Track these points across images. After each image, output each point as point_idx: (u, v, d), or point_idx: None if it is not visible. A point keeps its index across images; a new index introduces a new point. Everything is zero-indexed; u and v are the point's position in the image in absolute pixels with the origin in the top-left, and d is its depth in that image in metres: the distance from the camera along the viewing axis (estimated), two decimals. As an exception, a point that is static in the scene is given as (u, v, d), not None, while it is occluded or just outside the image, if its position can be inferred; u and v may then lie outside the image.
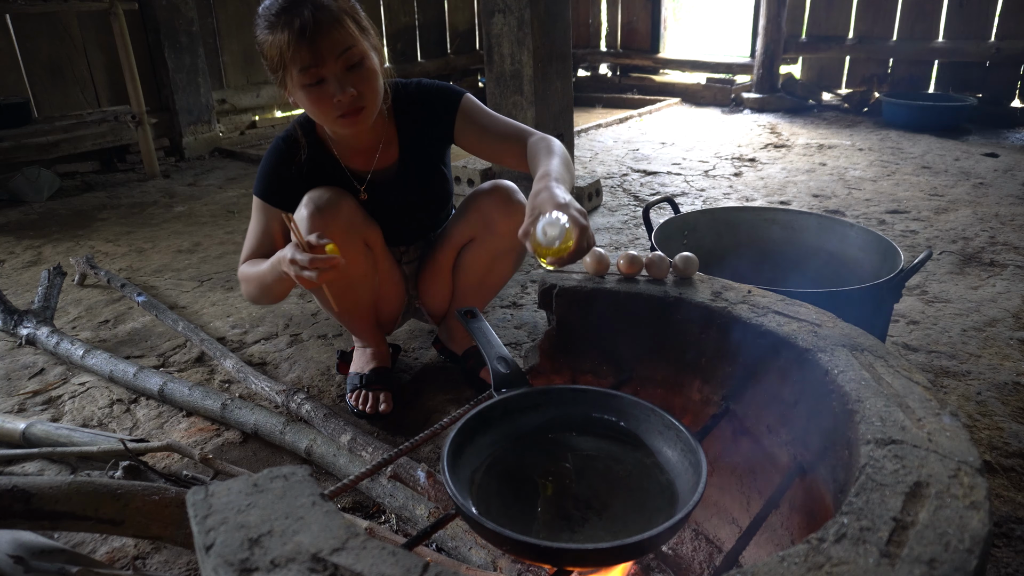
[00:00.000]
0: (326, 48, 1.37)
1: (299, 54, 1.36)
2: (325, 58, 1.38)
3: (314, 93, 1.41)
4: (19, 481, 1.13)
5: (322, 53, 1.37)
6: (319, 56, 1.37)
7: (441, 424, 1.12)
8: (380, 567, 0.63)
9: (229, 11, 5.11)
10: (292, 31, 1.35)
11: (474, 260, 1.76)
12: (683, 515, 0.83)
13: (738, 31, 8.47)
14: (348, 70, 1.41)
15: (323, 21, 1.36)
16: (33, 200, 3.85)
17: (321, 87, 1.41)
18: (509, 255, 1.77)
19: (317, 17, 1.35)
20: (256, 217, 1.65)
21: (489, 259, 1.75)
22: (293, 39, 1.35)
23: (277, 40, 1.37)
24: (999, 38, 5.01)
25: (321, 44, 1.36)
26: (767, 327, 1.08)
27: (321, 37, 1.36)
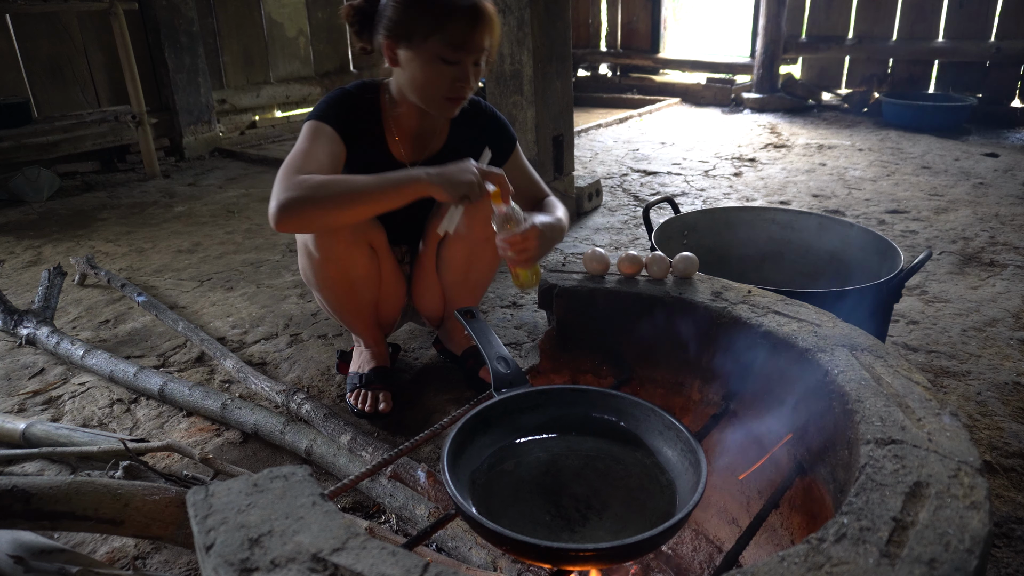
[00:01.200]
0: (482, 42, 1.48)
1: (462, 34, 1.44)
2: (475, 50, 1.48)
3: (440, 67, 1.47)
4: (19, 481, 1.13)
5: (477, 45, 1.47)
6: (473, 46, 1.46)
7: (441, 424, 1.12)
8: (380, 567, 0.63)
9: (229, 11, 5.11)
10: (467, 13, 1.43)
11: (452, 256, 1.75)
12: (683, 515, 0.83)
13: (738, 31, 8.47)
14: (475, 64, 1.51)
15: (489, 17, 1.47)
16: (33, 200, 3.85)
17: (452, 67, 1.47)
18: (484, 246, 1.71)
19: (487, 12, 1.46)
20: (315, 137, 1.53)
21: (466, 253, 1.73)
22: (466, 20, 1.43)
23: (444, 8, 1.42)
24: (999, 38, 5.01)
25: (481, 37, 1.47)
26: (767, 327, 1.08)
27: (485, 31, 1.47)
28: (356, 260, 1.65)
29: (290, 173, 1.43)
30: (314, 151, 1.50)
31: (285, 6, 5.44)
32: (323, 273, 1.66)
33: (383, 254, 1.72)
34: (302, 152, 1.49)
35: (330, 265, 1.63)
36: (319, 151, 1.50)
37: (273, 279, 2.69)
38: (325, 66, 5.83)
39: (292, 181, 1.40)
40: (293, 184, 1.39)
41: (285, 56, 5.53)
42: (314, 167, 1.46)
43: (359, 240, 1.62)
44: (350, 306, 1.75)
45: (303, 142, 1.52)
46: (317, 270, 1.65)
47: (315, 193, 1.38)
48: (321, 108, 1.57)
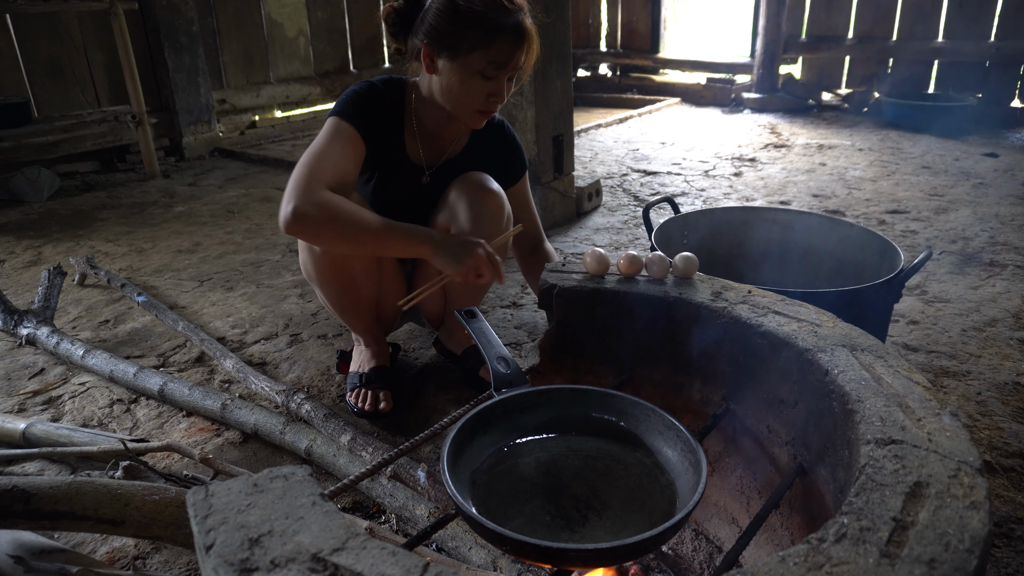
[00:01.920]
0: (520, 60, 1.51)
1: (504, 51, 1.46)
2: (512, 68, 1.50)
3: (479, 82, 1.49)
4: (19, 481, 1.13)
5: (515, 62, 1.50)
6: (512, 63, 1.49)
7: (441, 424, 1.12)
8: (380, 567, 0.63)
9: (229, 11, 5.11)
10: (513, 33, 1.46)
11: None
12: (683, 515, 0.83)
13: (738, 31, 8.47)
14: (509, 80, 1.54)
15: (531, 38, 1.50)
16: (33, 200, 3.85)
17: (489, 82, 1.50)
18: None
19: (530, 33, 1.49)
20: (337, 138, 1.52)
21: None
22: (512, 39, 1.46)
23: (492, 26, 1.44)
24: (999, 38, 5.01)
25: (520, 56, 1.50)
26: (767, 327, 1.08)
27: (524, 50, 1.50)
28: (357, 259, 1.65)
29: (309, 176, 1.44)
30: (333, 153, 1.50)
31: (285, 6, 5.45)
32: (324, 270, 1.66)
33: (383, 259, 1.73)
34: (321, 153, 1.49)
35: (331, 262, 1.63)
36: (338, 153, 1.51)
37: (273, 279, 2.69)
38: (325, 66, 5.83)
39: (312, 193, 1.42)
40: (314, 198, 1.41)
41: (285, 56, 5.53)
42: (332, 170, 1.48)
43: None
44: (350, 303, 1.75)
45: (324, 141, 1.52)
46: (318, 266, 1.66)
47: (330, 218, 1.42)
48: (345, 104, 1.57)
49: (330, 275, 1.68)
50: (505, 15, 1.46)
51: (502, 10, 1.46)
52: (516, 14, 1.47)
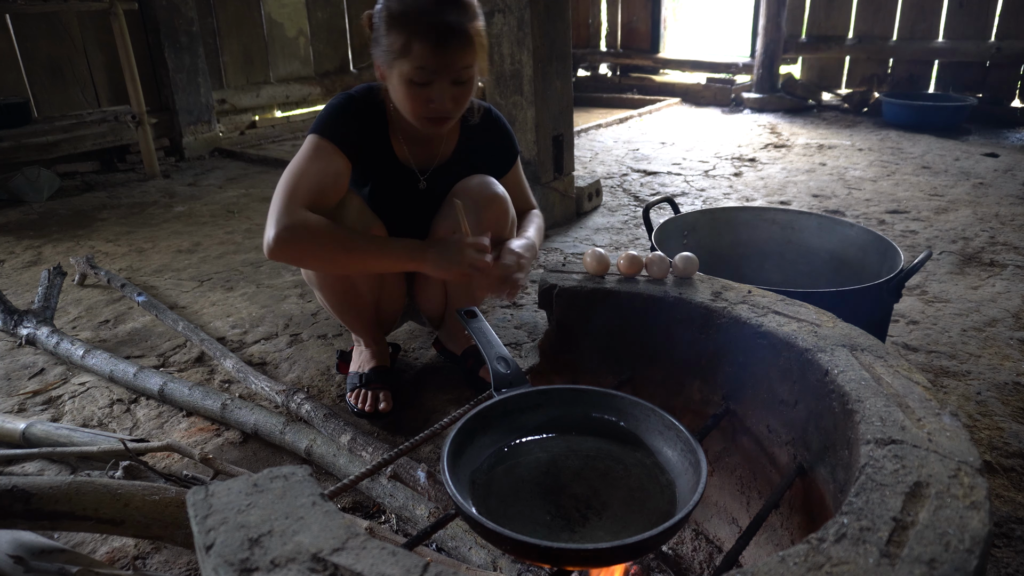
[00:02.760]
0: (452, 62, 1.41)
1: (425, 56, 1.38)
2: (445, 71, 1.41)
3: (414, 89, 1.43)
4: (19, 481, 1.13)
5: (447, 65, 1.41)
6: (443, 66, 1.41)
7: (441, 424, 1.12)
8: (380, 567, 0.63)
9: (229, 11, 5.11)
10: (431, 34, 1.37)
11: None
12: (683, 515, 0.83)
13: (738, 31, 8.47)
14: (455, 84, 1.44)
15: (463, 36, 1.40)
16: (33, 200, 3.85)
17: (424, 88, 1.43)
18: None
19: (459, 31, 1.39)
20: (316, 156, 1.50)
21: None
22: (428, 42, 1.37)
23: (410, 30, 1.38)
24: (999, 38, 5.01)
25: (448, 58, 1.40)
26: (767, 327, 1.08)
27: (452, 52, 1.39)
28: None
29: (288, 199, 1.44)
30: (312, 171, 1.49)
31: (285, 6, 5.44)
32: (324, 274, 1.66)
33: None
34: (300, 172, 1.48)
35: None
36: (318, 171, 1.49)
37: (273, 279, 2.69)
38: (325, 66, 5.83)
39: (293, 216, 1.42)
40: (294, 222, 1.41)
41: (285, 56, 5.53)
42: (312, 190, 1.47)
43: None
44: (351, 306, 1.75)
45: (302, 160, 1.50)
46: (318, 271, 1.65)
47: (314, 239, 1.43)
48: (323, 121, 1.55)
49: (330, 279, 1.68)
50: (427, 17, 1.38)
51: (424, 13, 1.39)
52: (440, 15, 1.38)
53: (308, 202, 1.45)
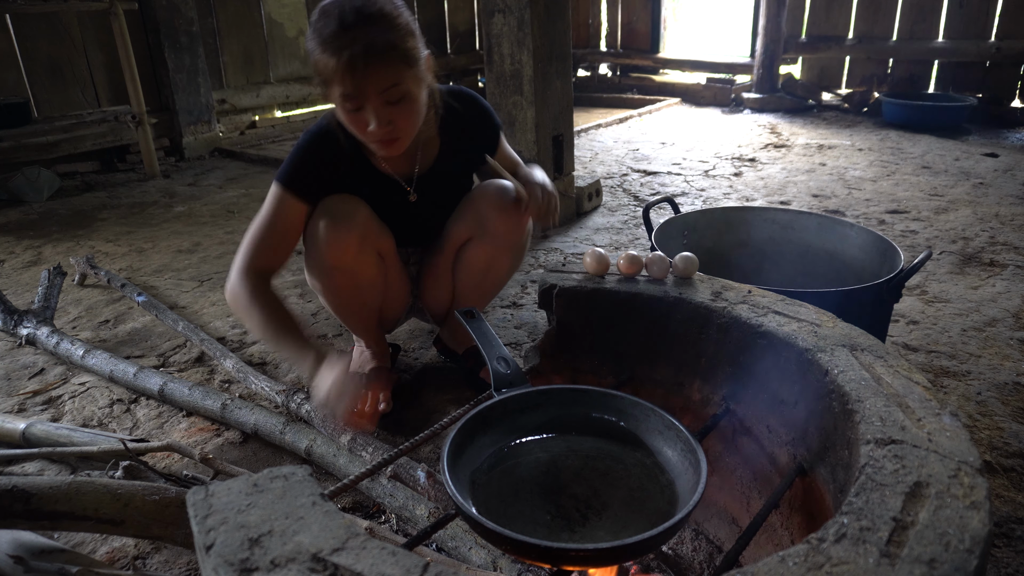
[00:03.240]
0: (369, 84, 1.35)
1: (343, 83, 1.35)
2: (367, 93, 1.36)
3: (352, 116, 1.41)
4: (19, 481, 1.13)
5: (365, 88, 1.36)
6: (361, 90, 1.36)
7: (441, 424, 1.12)
8: (380, 567, 0.63)
9: (229, 11, 5.11)
10: (340, 60, 1.32)
11: (472, 259, 1.76)
12: (683, 515, 0.83)
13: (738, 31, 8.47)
14: (388, 104, 1.39)
15: (372, 56, 1.33)
16: (33, 200, 3.85)
17: (360, 113, 1.40)
18: (507, 253, 1.77)
19: (367, 51, 1.32)
20: (274, 207, 1.54)
21: (487, 258, 1.75)
22: (339, 67, 1.33)
23: (325, 60, 1.35)
24: (999, 38, 5.01)
25: (365, 79, 1.34)
26: (767, 327, 1.08)
27: (366, 73, 1.34)
28: (365, 268, 1.65)
29: (243, 259, 1.53)
30: (268, 226, 1.54)
31: (285, 6, 5.44)
32: (331, 280, 1.66)
33: (390, 261, 1.72)
34: (259, 227, 1.54)
35: (338, 273, 1.63)
36: (273, 225, 1.54)
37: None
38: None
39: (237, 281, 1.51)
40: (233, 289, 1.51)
41: (285, 56, 5.53)
42: (269, 245, 1.54)
43: (368, 248, 1.63)
44: (355, 310, 1.76)
45: (266, 213, 1.55)
46: (325, 276, 1.65)
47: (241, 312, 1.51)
48: (285, 168, 1.55)
49: (337, 286, 1.67)
50: (327, 46, 1.33)
51: (324, 43, 1.34)
52: (336, 39, 1.33)
53: (263, 258, 1.54)
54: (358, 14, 1.33)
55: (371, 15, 1.34)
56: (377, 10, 1.35)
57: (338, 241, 1.56)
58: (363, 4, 1.34)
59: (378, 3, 1.36)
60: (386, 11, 1.36)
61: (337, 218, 1.56)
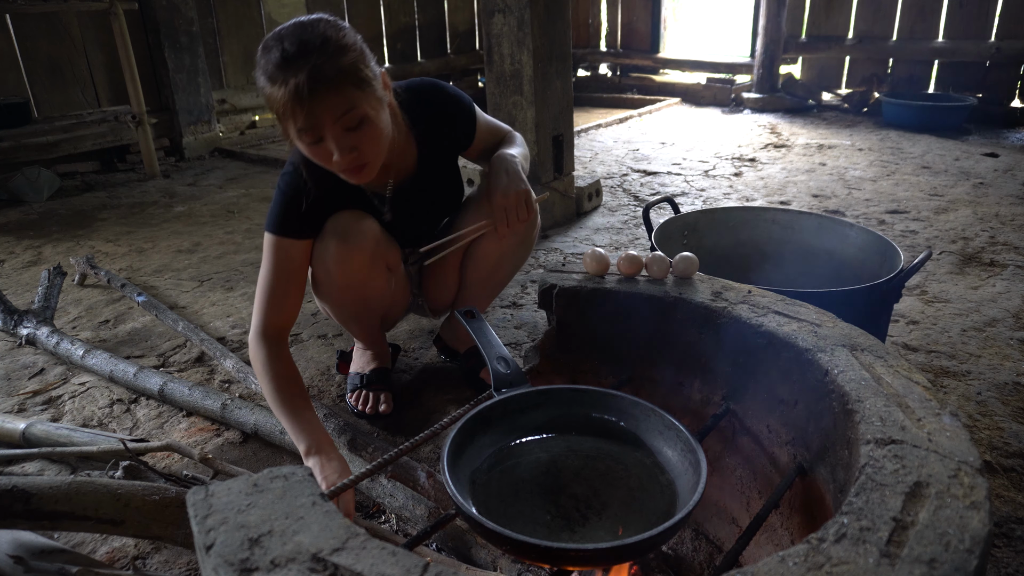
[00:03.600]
0: (323, 112, 1.29)
1: (295, 116, 1.29)
2: (323, 122, 1.30)
3: (313, 149, 1.36)
4: (19, 481, 1.13)
5: (319, 117, 1.29)
6: (315, 120, 1.30)
7: (441, 424, 1.12)
8: (380, 567, 0.63)
9: (229, 11, 5.11)
10: (287, 91, 1.26)
11: (485, 254, 1.76)
12: (683, 515, 0.83)
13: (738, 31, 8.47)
14: (348, 130, 1.33)
15: (320, 84, 1.26)
16: (33, 200, 3.85)
17: (321, 145, 1.34)
18: (518, 251, 1.78)
19: (314, 79, 1.25)
20: (274, 256, 1.50)
21: (498, 255, 1.76)
22: (288, 100, 1.27)
23: (274, 94, 1.29)
24: (999, 38, 5.01)
25: (317, 108, 1.28)
26: (767, 327, 1.08)
27: (317, 102, 1.27)
28: (374, 283, 1.66)
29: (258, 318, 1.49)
30: (274, 273, 1.50)
31: (285, 6, 5.44)
32: (340, 295, 1.66)
33: (396, 271, 1.73)
34: (271, 277, 1.50)
35: (348, 289, 1.64)
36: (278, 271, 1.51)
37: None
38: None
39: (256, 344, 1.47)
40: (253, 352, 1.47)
41: (285, 56, 5.53)
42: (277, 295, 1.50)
43: (378, 264, 1.63)
44: (360, 320, 1.77)
45: (269, 264, 1.51)
46: (334, 292, 1.65)
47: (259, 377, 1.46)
48: (274, 220, 1.51)
49: (345, 300, 1.68)
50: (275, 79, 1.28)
51: (271, 77, 1.28)
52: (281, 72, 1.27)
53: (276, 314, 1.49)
54: (300, 44, 1.26)
55: (312, 43, 1.27)
56: (319, 36, 1.28)
57: (349, 261, 1.56)
58: (303, 33, 1.28)
59: (319, 28, 1.30)
60: (329, 35, 1.29)
61: (347, 238, 1.54)
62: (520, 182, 1.60)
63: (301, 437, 1.34)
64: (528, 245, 1.80)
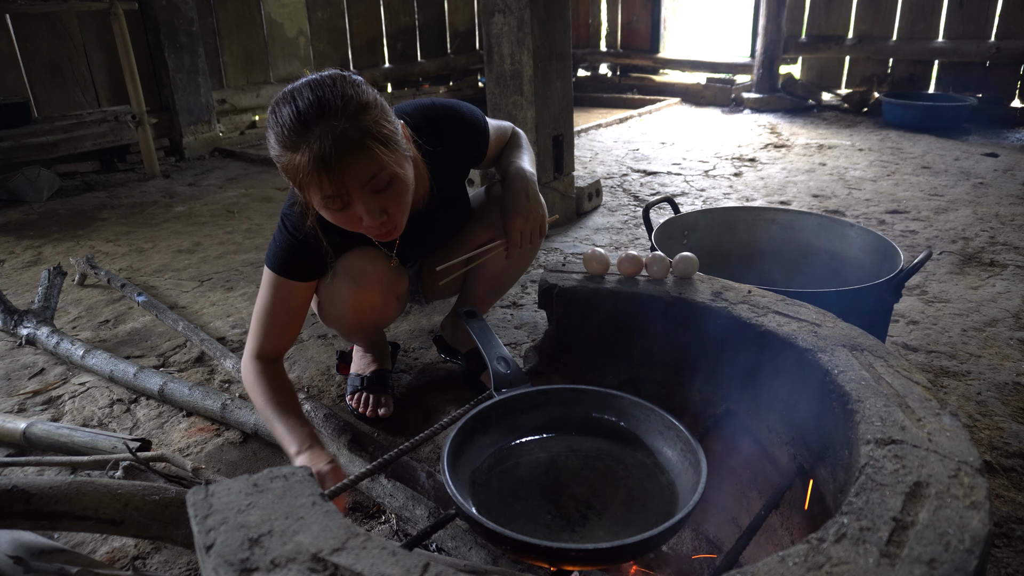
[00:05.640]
0: (350, 178, 1.20)
1: (320, 184, 1.19)
2: (350, 188, 1.21)
3: (339, 215, 1.27)
4: (19, 481, 1.13)
5: (346, 184, 1.20)
6: (343, 187, 1.21)
7: (441, 424, 1.12)
8: (380, 567, 0.63)
9: (229, 11, 5.11)
10: (311, 158, 1.16)
11: (490, 264, 1.73)
12: (683, 515, 0.83)
13: (738, 31, 8.47)
14: (376, 192, 1.24)
15: (345, 149, 1.16)
16: (33, 200, 3.85)
17: (349, 211, 1.25)
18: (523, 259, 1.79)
19: (339, 145, 1.16)
20: (275, 294, 1.46)
21: (504, 264, 1.76)
22: (312, 168, 1.16)
23: (293, 162, 1.19)
24: (999, 38, 5.01)
25: (345, 175, 1.19)
26: (767, 327, 1.08)
27: (344, 168, 1.18)
28: (385, 315, 1.67)
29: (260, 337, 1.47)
30: (272, 306, 1.47)
31: (285, 6, 5.44)
32: (348, 328, 1.67)
33: (404, 297, 1.73)
34: (269, 310, 1.47)
35: (358, 324, 1.65)
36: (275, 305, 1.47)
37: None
38: (325, 66, 5.80)
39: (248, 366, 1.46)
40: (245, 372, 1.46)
41: (285, 56, 5.53)
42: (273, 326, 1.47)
43: (389, 299, 1.62)
44: (365, 339, 1.79)
45: (269, 297, 1.47)
46: (342, 325, 1.66)
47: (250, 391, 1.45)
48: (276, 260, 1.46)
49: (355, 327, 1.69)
50: (293, 146, 1.18)
51: (287, 143, 1.19)
52: (300, 138, 1.17)
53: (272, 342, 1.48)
54: (319, 105, 1.17)
55: (332, 103, 1.17)
56: (339, 96, 1.18)
57: (360, 302, 1.56)
58: (322, 92, 1.18)
59: (338, 87, 1.20)
60: (349, 95, 1.19)
61: (358, 281, 1.52)
62: (539, 207, 1.60)
63: (292, 438, 1.32)
64: (533, 252, 1.80)
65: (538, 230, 1.62)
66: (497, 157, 1.73)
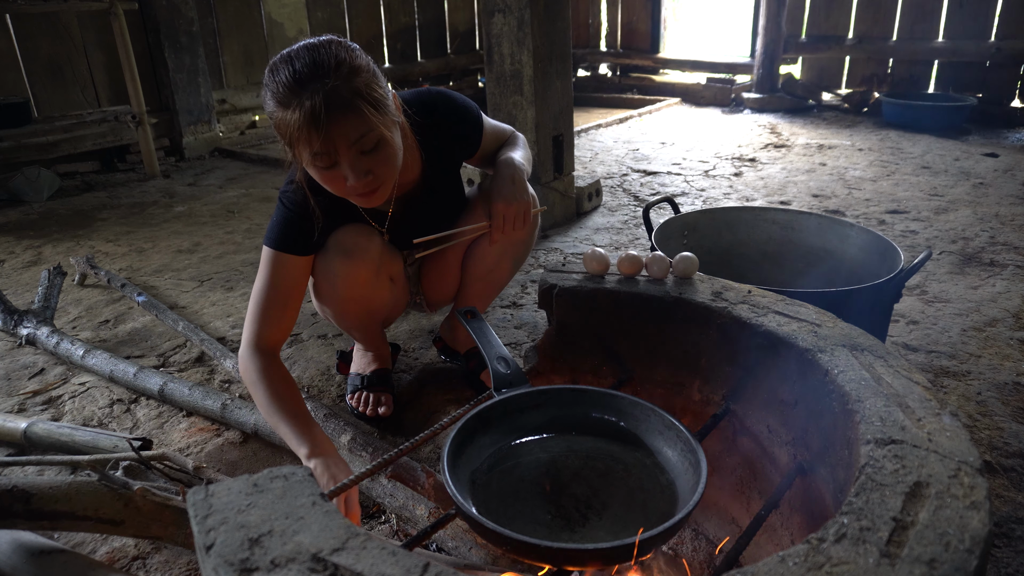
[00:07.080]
0: (339, 136, 1.25)
1: (310, 140, 1.24)
2: (338, 146, 1.27)
3: (326, 174, 1.32)
4: (19, 481, 1.13)
5: (335, 141, 1.26)
6: (331, 144, 1.26)
7: (441, 424, 1.12)
8: (380, 567, 0.63)
9: (229, 11, 5.11)
10: (302, 114, 1.22)
11: (483, 256, 1.76)
12: (683, 515, 0.83)
13: (738, 31, 8.47)
14: (363, 153, 1.30)
15: (335, 107, 1.22)
16: (33, 200, 3.85)
17: (334, 170, 1.30)
18: (518, 251, 1.79)
19: (329, 103, 1.22)
20: (272, 270, 1.48)
21: (498, 253, 1.76)
22: (303, 124, 1.22)
23: (286, 118, 1.25)
24: (999, 38, 5.01)
25: (333, 132, 1.24)
26: (767, 327, 1.08)
27: (333, 125, 1.23)
28: (377, 295, 1.67)
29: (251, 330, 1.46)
30: (270, 285, 1.48)
31: (285, 6, 5.45)
32: (342, 307, 1.66)
33: (399, 280, 1.73)
34: (267, 292, 1.47)
35: (351, 301, 1.64)
36: (274, 284, 1.48)
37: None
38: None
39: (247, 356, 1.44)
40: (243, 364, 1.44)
41: (285, 56, 5.53)
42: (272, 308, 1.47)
43: (381, 277, 1.63)
44: (360, 326, 1.77)
45: (266, 278, 1.48)
46: (336, 303, 1.65)
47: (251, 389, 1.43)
48: (274, 235, 1.49)
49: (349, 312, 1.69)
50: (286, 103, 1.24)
51: (281, 100, 1.24)
52: (294, 94, 1.23)
53: (271, 328, 1.47)
54: (313, 66, 1.23)
55: (325, 64, 1.23)
56: (332, 57, 1.24)
57: (353, 277, 1.56)
58: (315, 54, 1.24)
59: (331, 49, 1.26)
60: (342, 57, 1.25)
61: (350, 254, 1.54)
62: (524, 193, 1.60)
63: (302, 440, 1.32)
64: (528, 246, 1.80)
65: (522, 216, 1.60)
66: (494, 155, 1.74)
